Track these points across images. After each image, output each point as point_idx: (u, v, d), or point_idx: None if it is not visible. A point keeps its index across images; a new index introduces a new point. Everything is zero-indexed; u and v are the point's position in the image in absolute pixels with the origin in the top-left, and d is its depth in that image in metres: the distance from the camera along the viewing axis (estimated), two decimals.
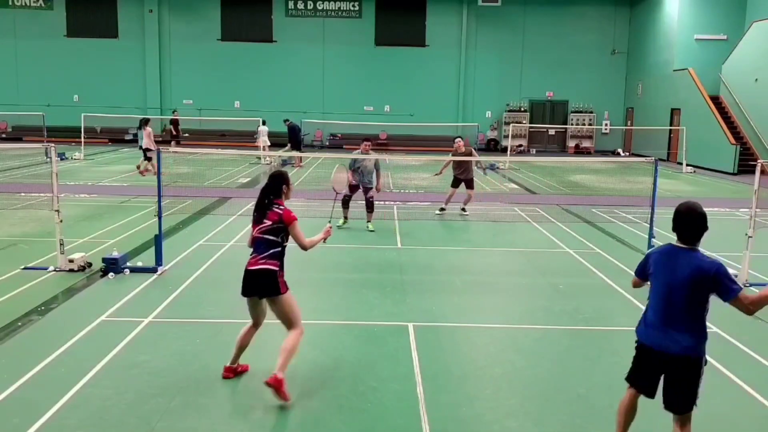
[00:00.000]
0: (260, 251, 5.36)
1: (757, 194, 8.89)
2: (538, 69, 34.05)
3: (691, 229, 4.16)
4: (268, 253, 5.34)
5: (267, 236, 5.35)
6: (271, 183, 5.43)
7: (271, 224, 5.34)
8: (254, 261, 5.37)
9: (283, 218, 5.34)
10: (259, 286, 5.38)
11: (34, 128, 28.50)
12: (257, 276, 5.34)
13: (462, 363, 6.14)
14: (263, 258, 5.34)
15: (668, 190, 19.04)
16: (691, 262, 4.02)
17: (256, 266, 5.34)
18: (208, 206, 14.46)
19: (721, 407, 5.37)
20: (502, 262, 10.53)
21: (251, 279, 5.39)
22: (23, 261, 9.23)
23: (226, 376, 5.62)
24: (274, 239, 5.36)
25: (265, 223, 5.36)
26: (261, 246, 5.37)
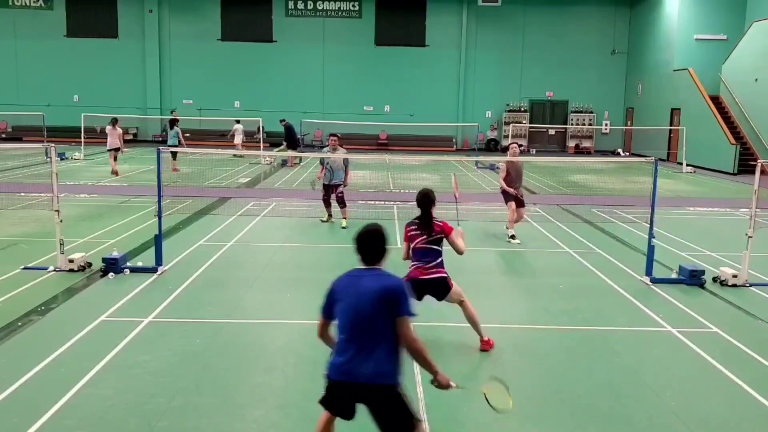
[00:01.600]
0: (428, 260, 6.14)
1: (757, 194, 8.89)
2: (538, 69, 34.04)
3: (371, 251, 3.86)
4: (438, 261, 6.18)
5: (431, 246, 6.15)
6: (429, 202, 6.18)
7: (435, 235, 6.13)
8: (424, 271, 6.14)
9: (444, 229, 6.16)
10: (437, 291, 6.28)
11: (34, 128, 28.48)
12: (435, 285, 6.20)
13: (462, 363, 6.14)
14: (433, 267, 6.16)
15: (668, 190, 19.04)
16: (378, 281, 3.74)
17: (429, 276, 6.14)
18: (208, 206, 14.46)
19: (721, 407, 5.37)
20: (502, 262, 10.53)
21: (427, 287, 6.18)
22: (23, 261, 9.23)
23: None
24: (436, 248, 6.18)
25: (424, 237, 6.13)
26: (424, 256, 6.15)
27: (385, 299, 3.66)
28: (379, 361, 3.65)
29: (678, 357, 6.44)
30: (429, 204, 6.16)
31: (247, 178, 20.24)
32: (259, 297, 8.16)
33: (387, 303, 3.65)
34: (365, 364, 3.64)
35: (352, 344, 3.69)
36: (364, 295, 3.68)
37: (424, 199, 6.18)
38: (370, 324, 3.65)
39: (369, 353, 3.65)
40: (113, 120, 20.55)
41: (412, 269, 6.21)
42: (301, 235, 11.99)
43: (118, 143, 20.09)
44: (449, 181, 19.33)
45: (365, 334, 3.66)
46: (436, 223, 6.16)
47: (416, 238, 6.15)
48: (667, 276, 9.10)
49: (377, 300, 3.65)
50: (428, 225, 6.12)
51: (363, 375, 3.65)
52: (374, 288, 3.69)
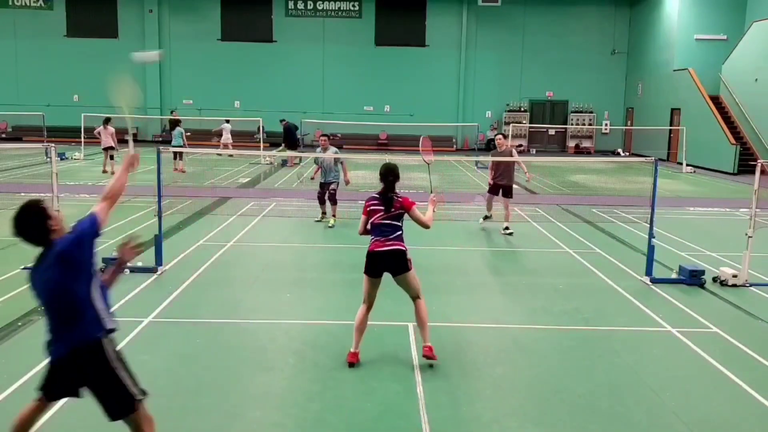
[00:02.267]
0: (386, 234, 5.88)
1: (757, 194, 8.88)
2: (538, 69, 34.05)
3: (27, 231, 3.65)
4: (396, 235, 5.90)
5: (391, 221, 5.91)
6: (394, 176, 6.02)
7: (393, 211, 5.92)
8: (381, 243, 5.86)
9: (404, 204, 5.93)
10: (393, 264, 5.89)
11: (34, 128, 28.49)
12: (390, 255, 5.86)
13: (462, 363, 6.14)
14: (392, 240, 5.87)
15: (668, 190, 19.04)
16: (52, 252, 3.58)
17: (386, 247, 5.84)
18: (208, 206, 14.46)
19: (721, 407, 5.37)
20: (502, 262, 10.53)
21: (383, 259, 5.86)
22: (23, 261, 9.20)
23: (351, 360, 5.91)
24: (396, 224, 5.94)
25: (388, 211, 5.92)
26: (383, 230, 5.90)
27: (64, 260, 3.53)
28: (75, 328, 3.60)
29: (678, 357, 6.44)
30: (393, 179, 5.98)
31: (247, 178, 20.24)
32: (259, 297, 8.15)
33: (69, 262, 3.55)
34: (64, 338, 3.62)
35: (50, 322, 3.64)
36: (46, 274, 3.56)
37: (387, 173, 6.00)
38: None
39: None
40: (105, 120, 20.80)
41: (370, 243, 5.98)
42: (301, 235, 11.99)
43: (111, 142, 20.26)
44: (449, 180, 19.14)
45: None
46: (397, 198, 5.93)
47: (375, 213, 5.95)
48: (667, 276, 9.10)
49: (58, 266, 3.52)
50: (388, 200, 5.91)
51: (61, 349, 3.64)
52: (52, 263, 3.53)
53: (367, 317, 6.01)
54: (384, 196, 5.97)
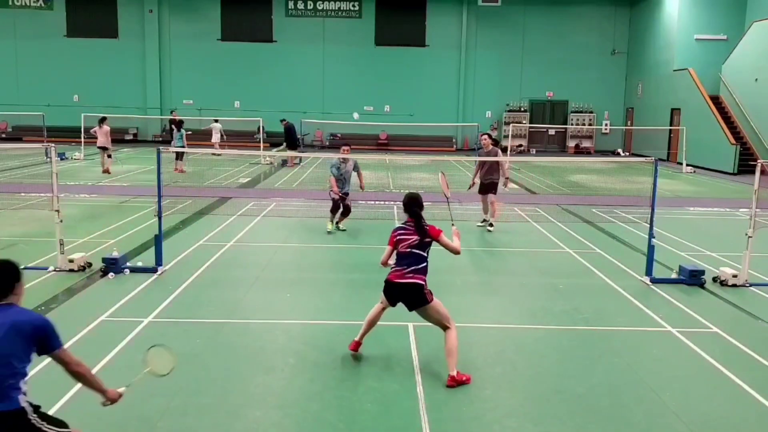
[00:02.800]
0: (409, 264, 5.75)
1: (757, 194, 8.89)
2: (538, 69, 34.05)
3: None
4: (419, 267, 5.75)
5: (416, 251, 5.76)
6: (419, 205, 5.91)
7: (421, 239, 5.75)
8: (400, 274, 5.76)
9: (431, 233, 5.77)
10: (408, 299, 5.80)
11: (34, 128, 28.50)
12: (407, 290, 5.76)
13: (462, 363, 6.13)
14: (410, 272, 5.73)
15: (668, 190, 19.05)
16: (10, 317, 3.52)
17: (403, 280, 5.74)
18: (208, 206, 14.46)
19: (721, 407, 5.37)
20: (502, 262, 10.53)
21: (399, 292, 5.81)
22: (23, 261, 9.16)
23: (352, 348, 6.12)
24: (421, 254, 5.77)
25: (412, 239, 5.75)
26: (407, 259, 5.76)
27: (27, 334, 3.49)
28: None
29: (678, 357, 6.44)
30: (419, 207, 5.87)
31: (247, 178, 20.25)
32: (259, 297, 8.15)
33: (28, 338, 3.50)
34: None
35: None
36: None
37: (412, 202, 5.91)
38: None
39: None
40: (101, 119, 21.00)
41: (391, 272, 5.87)
42: (301, 235, 11.99)
43: (105, 142, 20.42)
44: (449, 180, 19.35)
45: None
46: (424, 226, 5.81)
47: (404, 242, 5.76)
48: (667, 276, 9.10)
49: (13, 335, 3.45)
50: (420, 228, 5.75)
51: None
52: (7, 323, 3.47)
53: (380, 315, 6.11)
54: (416, 224, 5.78)
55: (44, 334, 3.56)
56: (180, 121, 22.10)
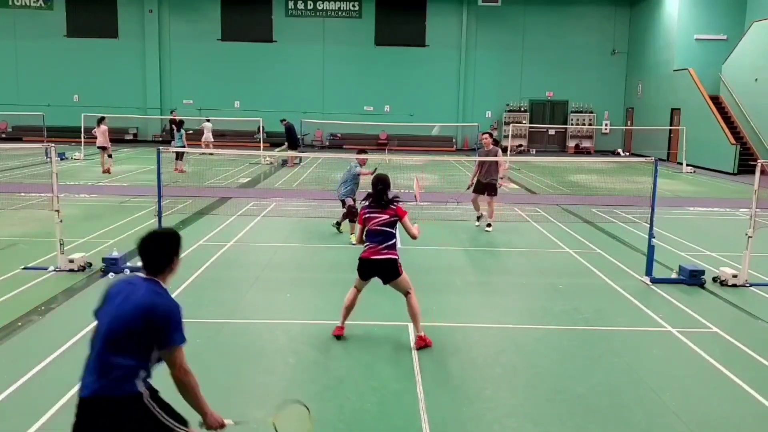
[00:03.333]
0: (381, 241, 6.24)
1: (757, 194, 8.88)
2: (538, 69, 34.04)
3: (148, 257, 3.38)
4: (387, 244, 6.24)
5: (385, 228, 6.27)
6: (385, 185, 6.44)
7: (388, 218, 6.28)
8: (374, 251, 6.23)
9: (398, 212, 6.32)
10: (384, 273, 6.30)
11: (34, 128, 28.49)
12: (383, 265, 6.26)
13: (462, 363, 6.14)
14: (385, 248, 6.23)
15: (668, 190, 19.04)
16: (144, 297, 3.26)
17: (379, 256, 6.23)
18: (208, 206, 14.45)
19: (721, 407, 5.37)
20: (502, 262, 10.53)
21: (374, 267, 6.28)
22: (23, 261, 9.22)
23: (337, 334, 6.50)
24: (391, 231, 6.29)
25: (380, 217, 6.28)
26: (377, 237, 6.25)
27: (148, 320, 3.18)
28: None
29: (678, 357, 6.44)
30: (385, 187, 6.40)
31: (247, 178, 20.25)
32: (259, 297, 8.15)
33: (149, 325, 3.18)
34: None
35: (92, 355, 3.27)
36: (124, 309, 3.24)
37: (379, 182, 6.43)
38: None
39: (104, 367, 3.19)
40: (99, 119, 21.08)
41: (365, 249, 6.35)
42: (301, 235, 11.99)
43: (104, 141, 20.45)
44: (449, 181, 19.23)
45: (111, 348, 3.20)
46: (390, 206, 6.34)
47: (371, 220, 6.29)
48: (667, 276, 9.10)
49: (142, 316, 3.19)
50: (384, 206, 6.31)
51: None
52: (138, 304, 3.22)
53: (356, 299, 6.50)
54: (378, 203, 6.33)
55: (163, 324, 3.19)
56: (180, 121, 22.13)
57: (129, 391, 3.18)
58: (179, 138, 21.26)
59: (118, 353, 3.18)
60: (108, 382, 3.15)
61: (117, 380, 3.16)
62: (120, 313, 3.25)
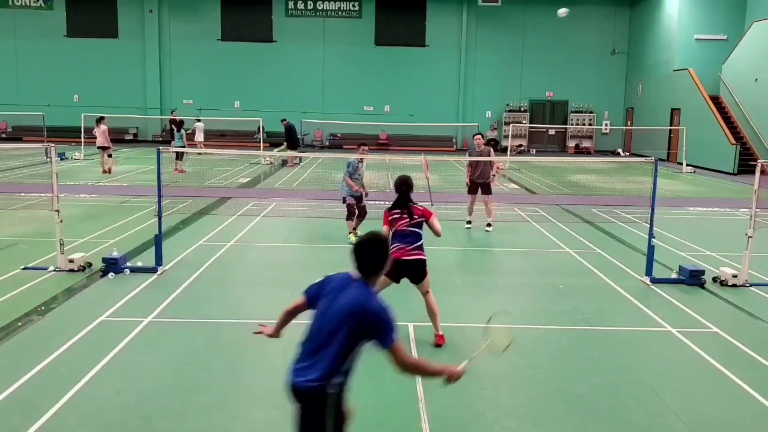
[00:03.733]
0: (410, 242, 6.36)
1: (757, 194, 8.88)
2: (538, 69, 34.03)
3: (362, 260, 3.72)
4: (419, 244, 6.39)
5: (414, 229, 6.40)
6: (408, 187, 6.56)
7: (417, 218, 6.41)
8: (406, 252, 6.32)
9: (425, 213, 6.44)
10: (415, 273, 6.42)
11: (34, 128, 28.50)
12: (414, 266, 6.38)
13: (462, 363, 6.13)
14: (414, 249, 6.36)
15: (668, 190, 19.04)
16: (357, 297, 3.51)
17: (410, 257, 6.34)
18: (208, 206, 14.45)
19: (721, 407, 5.37)
20: (502, 262, 10.53)
21: (406, 268, 6.35)
22: (23, 261, 9.22)
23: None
24: (419, 231, 6.43)
25: (407, 220, 6.39)
26: (406, 238, 6.36)
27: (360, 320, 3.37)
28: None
29: (678, 357, 6.44)
30: (408, 189, 6.53)
31: (247, 178, 20.25)
32: (259, 297, 8.15)
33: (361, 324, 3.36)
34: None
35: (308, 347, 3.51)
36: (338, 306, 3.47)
37: (403, 184, 6.55)
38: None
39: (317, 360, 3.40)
40: (98, 119, 21.07)
41: (393, 251, 6.15)
42: (301, 235, 11.99)
43: (104, 141, 20.44)
44: (449, 181, 19.18)
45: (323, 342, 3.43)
46: (416, 207, 6.47)
47: (397, 222, 6.40)
48: (667, 276, 9.10)
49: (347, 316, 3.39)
50: (409, 209, 6.43)
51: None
52: (350, 303, 3.41)
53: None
54: (404, 204, 6.46)
55: (376, 326, 3.35)
56: (180, 122, 22.12)
57: (321, 387, 3.37)
58: (179, 138, 21.27)
59: (326, 347, 3.42)
60: (314, 375, 3.37)
61: (321, 374, 3.36)
62: (336, 309, 3.52)
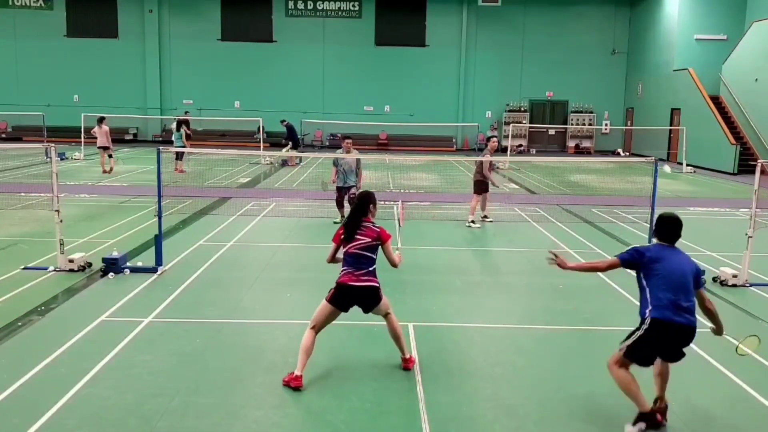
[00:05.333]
0: (359, 267, 5.58)
1: (757, 194, 8.88)
2: (538, 69, 34.03)
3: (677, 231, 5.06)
4: (370, 269, 5.61)
5: (365, 253, 5.59)
6: (360, 204, 5.74)
7: (370, 241, 5.59)
8: (354, 278, 5.56)
9: (381, 236, 5.62)
10: (365, 301, 5.67)
11: (34, 128, 28.50)
12: (364, 294, 5.61)
13: (462, 363, 6.14)
14: (365, 275, 5.58)
15: (668, 190, 19.04)
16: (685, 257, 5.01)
17: (359, 283, 5.55)
18: (208, 206, 14.46)
19: (721, 407, 5.37)
20: (502, 262, 10.53)
21: (356, 295, 5.60)
22: (23, 261, 9.23)
23: (297, 385, 5.41)
24: (371, 256, 5.61)
25: (361, 240, 5.58)
26: (360, 262, 5.58)
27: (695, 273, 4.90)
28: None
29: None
30: (367, 205, 5.69)
31: (247, 178, 20.25)
32: (259, 297, 8.16)
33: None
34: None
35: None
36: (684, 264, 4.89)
37: (361, 200, 5.74)
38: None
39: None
40: (99, 119, 21.04)
41: (341, 274, 5.64)
42: (301, 235, 11.99)
43: (106, 141, 20.43)
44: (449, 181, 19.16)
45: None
46: (372, 227, 5.62)
47: (353, 242, 5.59)
48: None
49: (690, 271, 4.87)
50: (365, 227, 5.61)
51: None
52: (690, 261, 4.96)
53: (314, 341, 5.63)
54: (359, 223, 5.63)
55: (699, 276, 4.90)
56: (180, 121, 21.91)
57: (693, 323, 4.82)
58: (179, 138, 21.25)
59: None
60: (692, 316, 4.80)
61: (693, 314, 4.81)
62: (686, 266, 4.90)
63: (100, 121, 20.90)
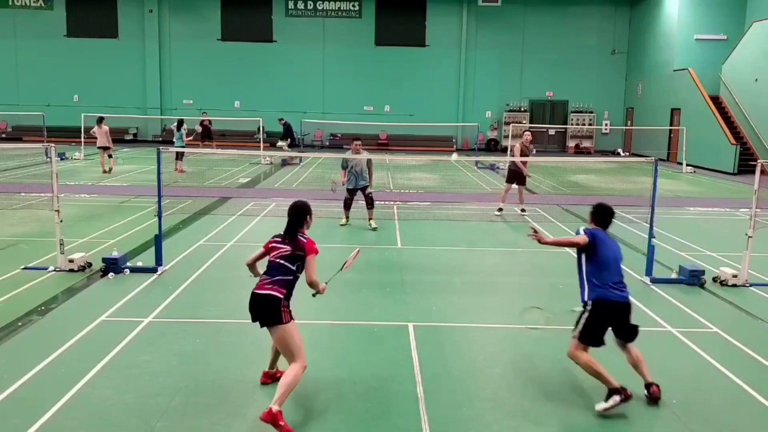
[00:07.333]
0: (272, 275, 5.10)
1: (757, 194, 8.89)
2: (538, 69, 34.03)
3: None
4: (277, 278, 5.06)
5: (283, 262, 5.12)
6: (296, 214, 5.31)
7: (291, 251, 5.13)
8: (261, 284, 5.10)
9: (305, 247, 5.16)
10: (261, 311, 5.03)
11: (34, 128, 28.47)
12: (261, 301, 5.01)
13: (462, 363, 6.14)
14: (270, 282, 5.05)
15: (668, 190, 19.04)
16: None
17: (260, 290, 5.04)
18: (208, 206, 14.46)
19: (721, 407, 5.37)
20: (502, 262, 10.53)
21: (255, 303, 5.05)
22: (23, 261, 9.23)
23: (264, 381, 5.52)
24: (289, 266, 5.10)
25: (282, 249, 5.16)
26: (272, 270, 5.12)
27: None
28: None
29: (678, 357, 6.45)
30: (305, 216, 5.34)
31: (247, 178, 20.25)
32: None
33: None
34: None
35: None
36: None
37: (293, 210, 5.32)
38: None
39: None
40: (99, 119, 21.06)
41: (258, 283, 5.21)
42: None
43: (106, 141, 20.44)
44: (449, 181, 19.07)
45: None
46: (301, 239, 5.21)
47: (275, 251, 5.17)
48: (667, 276, 9.10)
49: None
50: (293, 239, 5.19)
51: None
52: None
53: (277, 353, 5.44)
54: (290, 234, 5.23)
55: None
56: (180, 121, 21.91)
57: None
58: (179, 138, 21.25)
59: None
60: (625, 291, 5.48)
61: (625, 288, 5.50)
62: (617, 248, 5.50)
63: (99, 121, 20.92)
